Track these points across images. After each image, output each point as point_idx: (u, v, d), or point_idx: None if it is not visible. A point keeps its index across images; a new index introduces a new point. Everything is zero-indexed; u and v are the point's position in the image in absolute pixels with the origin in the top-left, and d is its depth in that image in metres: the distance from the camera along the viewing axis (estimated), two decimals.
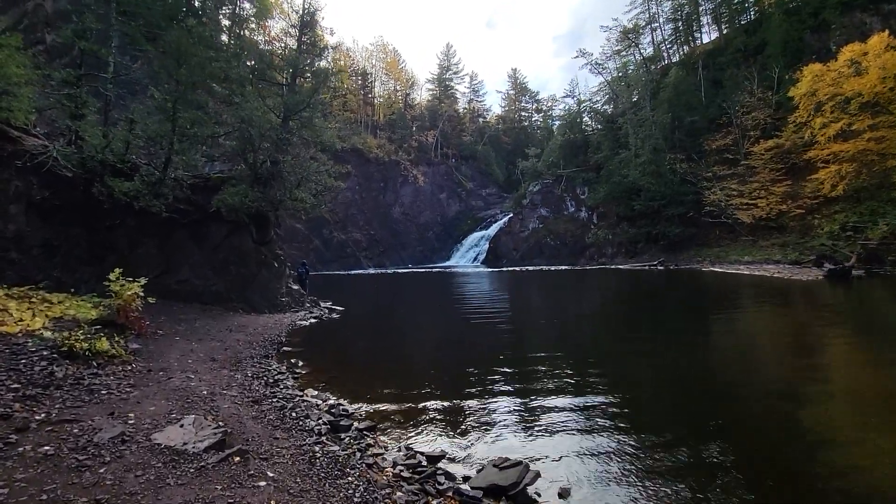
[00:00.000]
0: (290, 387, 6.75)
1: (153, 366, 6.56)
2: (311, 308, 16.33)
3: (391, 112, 68.44)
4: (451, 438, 5.18)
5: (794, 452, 4.77)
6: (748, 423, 5.57)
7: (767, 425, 5.47)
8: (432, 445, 4.99)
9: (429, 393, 6.85)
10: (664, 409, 6.23)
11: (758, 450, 4.83)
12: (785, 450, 4.81)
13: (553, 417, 5.72)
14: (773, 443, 4.96)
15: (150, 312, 10.46)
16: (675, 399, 6.65)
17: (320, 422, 5.29)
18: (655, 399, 6.64)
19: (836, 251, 27.95)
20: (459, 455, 4.77)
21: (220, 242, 14.92)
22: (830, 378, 7.43)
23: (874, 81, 25.28)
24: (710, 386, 7.22)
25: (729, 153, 40.48)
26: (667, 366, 8.34)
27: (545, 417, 5.74)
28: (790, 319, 12.84)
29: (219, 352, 8.24)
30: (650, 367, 8.38)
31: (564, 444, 4.94)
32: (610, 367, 8.19)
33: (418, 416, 5.80)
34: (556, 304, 19.56)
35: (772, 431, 5.26)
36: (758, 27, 44.37)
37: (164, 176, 12.95)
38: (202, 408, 5.01)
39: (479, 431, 5.40)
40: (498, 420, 5.66)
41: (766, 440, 5.07)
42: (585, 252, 46.90)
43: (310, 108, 14.55)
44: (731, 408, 6.09)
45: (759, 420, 5.64)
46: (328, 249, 48.17)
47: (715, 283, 22.74)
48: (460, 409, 6.18)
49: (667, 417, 5.85)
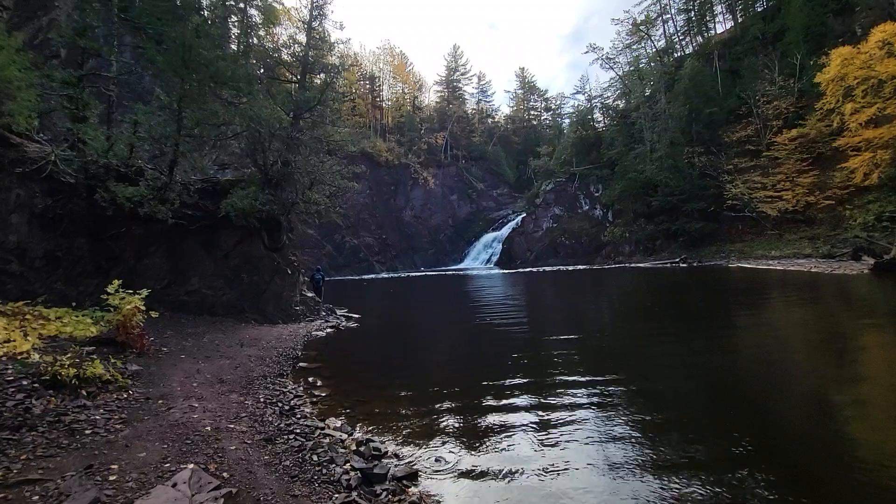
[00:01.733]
0: (309, 415, 5.77)
1: (153, 392, 5.73)
2: (327, 317, 15.53)
3: (400, 115, 67.93)
4: (504, 483, 4.22)
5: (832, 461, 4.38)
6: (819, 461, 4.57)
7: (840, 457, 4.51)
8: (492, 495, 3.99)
9: (468, 419, 5.92)
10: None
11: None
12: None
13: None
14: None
15: (155, 327, 9.73)
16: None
17: (348, 468, 4.28)
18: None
19: (872, 243, 26.43)
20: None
21: (231, 250, 14.20)
22: (879, 375, 6.92)
23: None
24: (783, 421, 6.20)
25: (750, 144, 39.03)
26: (720, 381, 7.32)
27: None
28: (851, 317, 11.68)
29: (228, 371, 7.40)
30: (698, 384, 7.36)
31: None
32: (661, 403, 7.16)
33: (464, 453, 4.78)
34: (581, 305, 18.53)
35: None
36: (776, 13, 42.89)
37: (170, 180, 12.26)
38: (204, 452, 4.12)
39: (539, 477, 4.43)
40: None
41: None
42: (602, 251, 45.63)
43: (321, 104, 13.78)
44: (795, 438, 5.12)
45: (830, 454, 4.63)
46: (341, 255, 47.59)
47: (749, 279, 21.47)
48: (511, 442, 5.23)
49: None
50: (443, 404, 6.43)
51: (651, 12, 56.03)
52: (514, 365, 8.60)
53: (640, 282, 26.00)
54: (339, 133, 16.08)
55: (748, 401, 6.27)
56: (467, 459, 4.64)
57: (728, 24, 52.17)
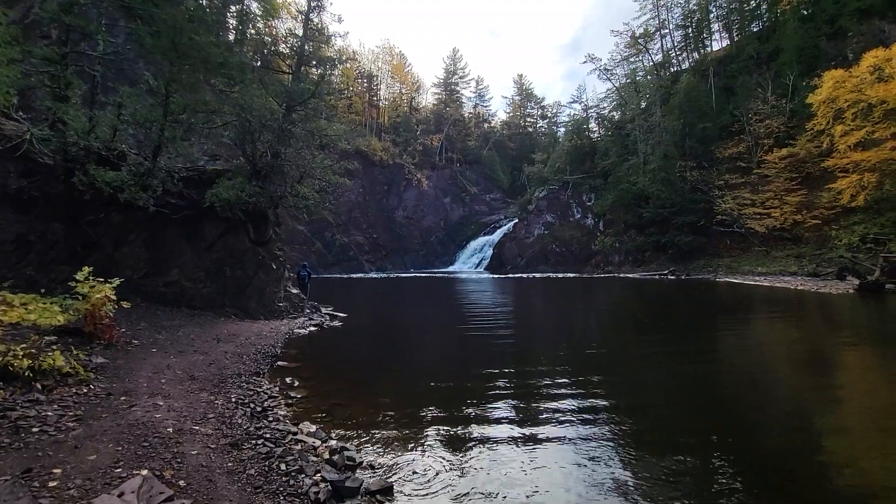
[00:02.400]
0: (282, 418, 5.43)
1: (116, 387, 5.37)
2: (312, 315, 15.16)
3: (396, 115, 67.65)
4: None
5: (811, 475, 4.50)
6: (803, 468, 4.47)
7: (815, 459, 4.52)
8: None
9: (451, 430, 5.66)
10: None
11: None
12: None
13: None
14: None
15: (128, 318, 9.33)
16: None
17: (318, 478, 3.93)
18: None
19: (856, 264, 26.83)
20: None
21: (214, 241, 13.79)
22: (859, 396, 7.04)
23: None
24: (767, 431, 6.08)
25: (741, 161, 39.54)
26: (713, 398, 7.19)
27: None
28: (834, 337, 11.67)
29: (201, 367, 7.03)
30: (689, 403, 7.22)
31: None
32: (645, 420, 7.00)
33: (445, 468, 4.48)
34: (571, 316, 18.40)
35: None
36: (771, 34, 43.60)
37: (153, 166, 11.84)
38: (162, 456, 3.78)
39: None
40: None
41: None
42: (591, 260, 45.77)
43: (316, 97, 13.45)
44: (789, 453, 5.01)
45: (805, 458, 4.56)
46: (330, 252, 47.05)
47: (736, 295, 21.56)
48: (493, 452, 5.00)
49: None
50: (425, 411, 6.16)
51: (650, 27, 56.68)
52: (500, 372, 8.37)
53: (629, 293, 26.00)
54: (333, 128, 15.77)
55: (729, 416, 6.23)
56: (447, 475, 4.34)
57: (724, 42, 52.97)
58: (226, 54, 12.95)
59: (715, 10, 52.85)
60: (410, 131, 64.01)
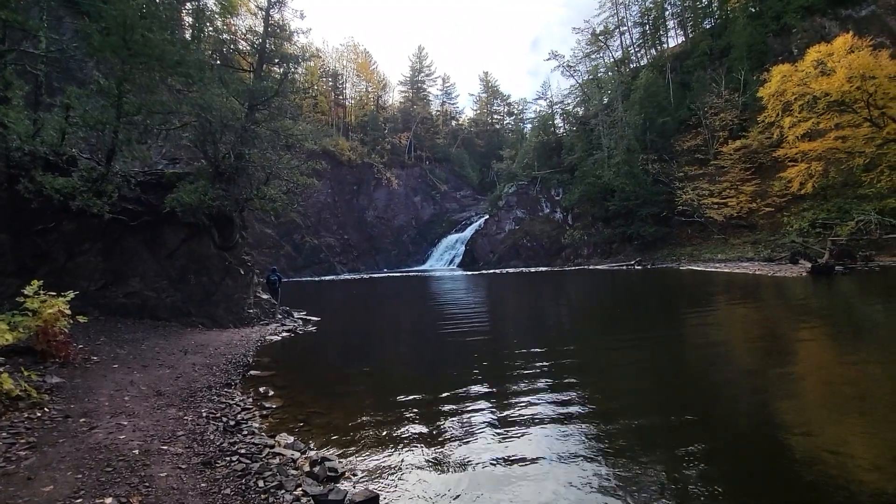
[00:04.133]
0: (257, 431, 5.17)
1: (74, 408, 5.01)
2: (284, 320, 14.74)
3: (363, 114, 66.79)
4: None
5: (768, 443, 4.90)
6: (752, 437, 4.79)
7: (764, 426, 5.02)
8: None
9: (435, 434, 5.60)
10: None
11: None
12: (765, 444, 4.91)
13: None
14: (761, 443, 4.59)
15: (86, 333, 8.78)
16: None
17: (299, 493, 3.74)
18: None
19: (807, 248, 28.47)
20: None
21: (177, 248, 13.17)
22: (812, 373, 7.51)
23: (841, 81, 25.84)
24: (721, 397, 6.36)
25: (699, 153, 41.24)
26: (677, 381, 7.46)
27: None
28: (789, 317, 12.35)
29: (167, 382, 6.67)
30: (655, 384, 7.47)
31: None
32: (611, 400, 7.20)
33: (430, 474, 4.38)
34: (542, 306, 18.68)
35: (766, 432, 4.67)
36: (723, 31, 45.54)
37: (107, 171, 11.18)
38: (127, 481, 3.51)
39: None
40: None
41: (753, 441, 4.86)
42: (562, 253, 46.67)
43: (280, 95, 13.02)
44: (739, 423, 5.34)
45: (757, 425, 4.93)
46: (300, 255, 45.97)
47: (698, 281, 22.47)
48: (470, 453, 4.98)
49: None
50: (406, 415, 6.07)
51: (609, 24, 58.14)
52: (478, 368, 8.39)
53: (599, 283, 26.67)
54: (298, 128, 15.33)
55: (694, 396, 6.56)
56: (434, 481, 4.25)
57: (680, 39, 54.99)
58: (182, 52, 12.36)
59: (670, 8, 54.80)
60: (378, 130, 63.31)
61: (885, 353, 8.10)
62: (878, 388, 6.39)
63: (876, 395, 6.17)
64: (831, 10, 36.21)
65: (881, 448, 4.61)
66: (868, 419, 5.38)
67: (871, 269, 20.79)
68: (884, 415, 5.45)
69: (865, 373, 7.07)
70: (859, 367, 7.40)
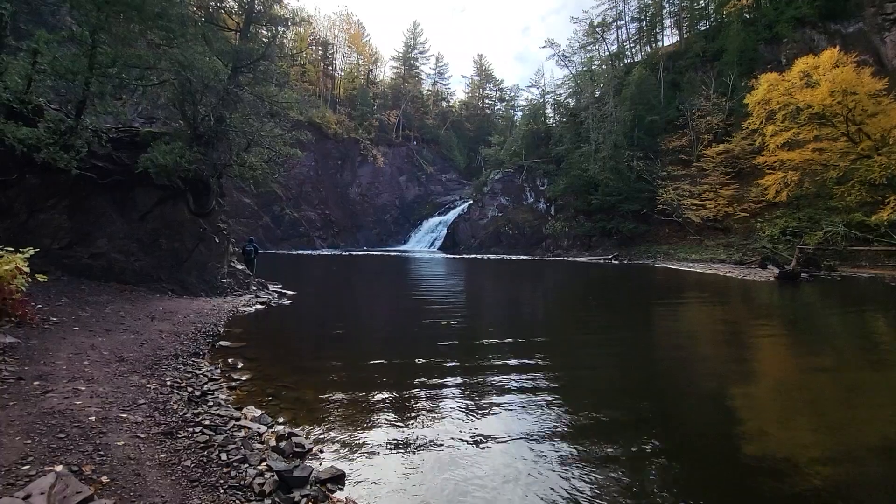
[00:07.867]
0: (224, 403, 5.02)
1: (28, 371, 4.78)
2: (258, 291, 14.46)
3: (353, 87, 65.08)
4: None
5: (724, 442, 5.08)
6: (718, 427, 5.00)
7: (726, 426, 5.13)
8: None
9: (406, 412, 5.61)
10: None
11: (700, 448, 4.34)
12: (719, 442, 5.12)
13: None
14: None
15: (47, 293, 8.41)
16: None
17: (263, 468, 3.65)
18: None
19: (776, 254, 29.51)
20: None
21: (149, 211, 12.67)
22: (770, 374, 7.87)
23: (824, 94, 26.45)
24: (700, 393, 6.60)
25: (683, 154, 41.89)
26: (651, 376, 7.68)
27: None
28: (753, 319, 12.84)
29: (131, 348, 6.44)
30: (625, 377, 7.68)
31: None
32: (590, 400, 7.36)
33: (399, 453, 4.37)
34: (518, 294, 18.88)
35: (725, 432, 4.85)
36: (717, 34, 45.83)
37: (76, 124, 10.56)
38: (81, 449, 3.36)
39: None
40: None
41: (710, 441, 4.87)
42: (542, 243, 47.14)
43: (266, 59, 12.47)
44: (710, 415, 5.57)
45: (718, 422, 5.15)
46: (279, 227, 45.08)
47: (671, 279, 23.06)
48: (444, 433, 5.01)
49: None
50: (377, 393, 6.05)
51: (607, 16, 57.81)
52: (450, 350, 8.43)
53: (577, 275, 27.09)
54: (284, 95, 14.77)
55: (655, 390, 6.82)
56: (402, 460, 4.26)
57: (675, 38, 55.15)
58: (164, 4, 11.64)
59: (667, 6, 54.77)
60: (367, 105, 61.88)
61: (839, 359, 8.51)
62: (829, 392, 6.74)
63: (827, 398, 6.51)
64: (821, 23, 36.84)
65: (830, 446, 4.88)
66: (818, 420, 5.68)
67: (832, 278, 21.71)
68: (833, 416, 5.77)
69: (819, 378, 7.43)
70: (814, 372, 7.76)
